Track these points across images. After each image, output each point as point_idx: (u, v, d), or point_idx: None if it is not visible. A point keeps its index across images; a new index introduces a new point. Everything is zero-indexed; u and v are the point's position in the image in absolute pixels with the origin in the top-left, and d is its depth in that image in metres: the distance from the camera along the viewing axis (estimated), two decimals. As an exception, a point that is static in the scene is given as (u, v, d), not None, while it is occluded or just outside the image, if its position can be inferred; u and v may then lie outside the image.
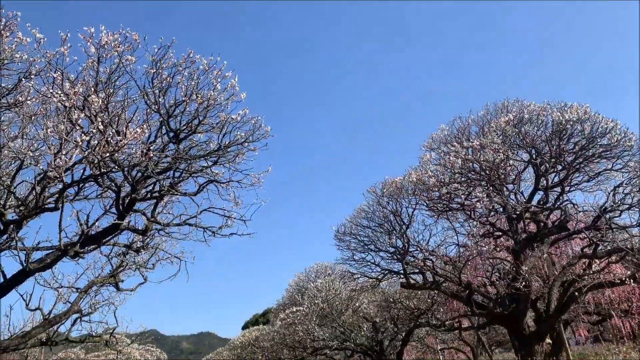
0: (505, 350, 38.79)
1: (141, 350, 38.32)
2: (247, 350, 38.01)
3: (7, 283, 8.24)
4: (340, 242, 18.14)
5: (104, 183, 8.53)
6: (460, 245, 16.50)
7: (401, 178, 16.31)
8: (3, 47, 8.07)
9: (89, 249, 8.62)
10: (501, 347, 38.03)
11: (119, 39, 7.98)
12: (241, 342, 39.68)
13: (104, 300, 13.23)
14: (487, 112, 15.86)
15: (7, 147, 8.50)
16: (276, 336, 29.12)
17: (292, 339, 26.83)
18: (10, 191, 7.74)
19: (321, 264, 40.52)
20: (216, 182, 9.91)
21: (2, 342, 10.21)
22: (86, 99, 7.86)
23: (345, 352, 30.88)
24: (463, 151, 14.14)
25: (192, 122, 9.12)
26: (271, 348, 30.86)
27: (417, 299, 21.82)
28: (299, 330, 25.05)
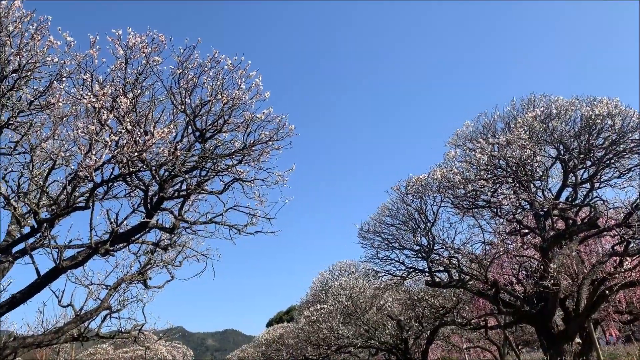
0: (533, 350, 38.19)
1: (168, 347, 38.98)
2: (272, 348, 38.26)
3: (41, 280, 8.46)
4: (364, 240, 18.13)
5: (133, 182, 8.70)
6: (487, 243, 16.29)
7: (425, 175, 16.19)
8: (35, 50, 8.29)
9: (118, 247, 8.79)
10: (528, 346, 37.44)
11: (146, 40, 8.12)
12: (266, 339, 39.98)
13: (132, 297, 13.51)
14: (513, 108, 15.61)
15: (39, 148, 8.74)
16: (300, 334, 29.23)
17: (316, 336, 26.90)
18: (43, 190, 7.96)
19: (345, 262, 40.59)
20: (241, 181, 10.02)
21: (37, 338, 10.51)
22: (114, 100, 8.03)
23: (370, 350, 30.83)
24: (489, 147, 13.94)
25: (217, 122, 9.22)
26: (296, 345, 31.01)
27: (442, 297, 21.64)
28: (323, 328, 25.10)
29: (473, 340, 33.75)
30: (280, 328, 40.32)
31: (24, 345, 10.23)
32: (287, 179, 10.23)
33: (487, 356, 37.30)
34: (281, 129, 9.48)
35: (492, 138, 14.40)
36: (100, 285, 12.13)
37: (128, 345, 36.77)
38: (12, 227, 10.79)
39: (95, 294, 12.11)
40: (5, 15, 7.97)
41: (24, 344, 10.10)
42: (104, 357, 35.68)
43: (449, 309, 20.99)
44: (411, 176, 16.81)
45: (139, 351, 35.68)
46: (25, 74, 8.59)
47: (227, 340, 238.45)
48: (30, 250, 8.36)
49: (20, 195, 8.81)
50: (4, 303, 8.54)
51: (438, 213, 16.26)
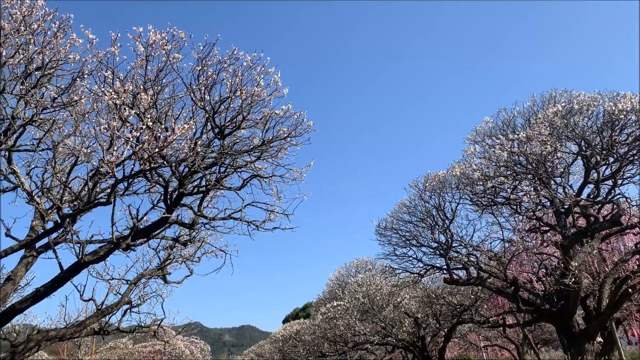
0: (552, 349, 37.69)
1: (186, 342, 39.38)
2: (289, 344, 38.41)
3: (64, 274, 8.62)
4: (381, 237, 18.08)
5: (153, 178, 8.78)
6: (506, 240, 16.12)
7: (444, 172, 16.08)
8: (57, 48, 8.42)
9: (139, 242, 8.91)
10: (547, 345, 37.00)
11: (166, 37, 8.19)
12: (282, 336, 40.15)
13: (152, 292, 13.69)
14: (534, 104, 15.41)
15: (62, 145, 8.87)
16: (317, 330, 29.29)
17: (333, 333, 26.92)
18: (66, 186, 8.09)
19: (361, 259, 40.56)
20: (259, 177, 10.04)
21: (60, 331, 10.72)
22: (135, 97, 8.12)
23: (386, 348, 30.78)
24: (508, 144, 13.78)
25: (236, 118, 9.25)
26: (312, 342, 31.08)
27: (460, 295, 21.48)
28: (340, 324, 25.12)
29: (491, 338, 33.44)
30: (297, 324, 40.45)
31: (48, 338, 10.44)
32: (304, 175, 10.23)
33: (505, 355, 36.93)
34: (299, 125, 9.47)
35: (512, 134, 14.23)
36: (120, 280, 12.33)
37: (147, 339, 37.26)
38: (36, 223, 10.99)
39: (115, 289, 12.32)
40: (29, 14, 8.10)
41: (47, 337, 10.31)
42: (123, 351, 36.21)
43: (467, 306, 20.83)
44: (429, 173, 16.72)
45: (157, 346, 36.11)
46: (48, 71, 8.75)
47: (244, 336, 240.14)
48: (53, 245, 8.51)
49: (44, 190, 8.96)
50: (28, 296, 8.72)
51: (456, 210, 16.14)
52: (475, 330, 31.01)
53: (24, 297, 9.09)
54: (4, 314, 8.67)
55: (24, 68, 8.48)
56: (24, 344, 10.04)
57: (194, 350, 40.58)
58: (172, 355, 37.87)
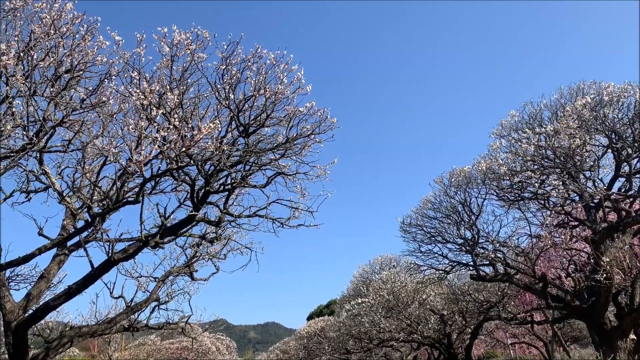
0: (582, 347, 36.95)
1: (212, 338, 39.88)
2: (313, 341, 38.52)
3: (94, 272, 8.81)
4: (406, 233, 17.96)
5: (180, 177, 8.90)
6: (533, 236, 15.84)
7: (469, 167, 15.87)
8: (86, 50, 8.60)
9: (167, 240, 9.04)
10: (577, 342, 36.27)
11: (190, 37, 8.28)
12: (307, 333, 40.30)
13: (179, 290, 13.88)
14: (561, 96, 15.07)
15: (91, 145, 9.06)
16: (342, 327, 29.28)
17: (357, 330, 26.89)
18: (96, 186, 8.26)
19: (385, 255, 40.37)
20: (283, 175, 10.07)
21: (91, 327, 10.97)
22: (161, 97, 8.23)
23: (412, 345, 30.59)
24: (535, 137, 13.52)
25: (260, 116, 9.30)
26: (337, 339, 31.07)
27: (486, 292, 21.21)
28: (365, 321, 25.05)
29: (518, 335, 32.96)
30: (321, 321, 40.53)
31: (80, 335, 10.70)
32: (328, 172, 10.23)
33: (533, 352, 36.36)
34: (323, 122, 9.46)
35: (539, 128, 13.96)
36: (148, 277, 12.53)
37: (174, 336, 37.86)
38: (67, 222, 11.26)
39: (144, 286, 12.52)
40: (58, 18, 8.28)
41: (79, 333, 10.56)
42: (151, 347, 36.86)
43: (494, 303, 20.56)
44: (454, 168, 16.53)
45: (184, 342, 36.65)
46: (77, 73, 8.92)
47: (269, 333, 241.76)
48: (84, 244, 8.70)
49: (74, 190, 9.16)
50: (61, 294, 8.94)
51: (482, 205, 15.92)
52: (502, 328, 30.62)
53: (56, 294, 9.33)
54: (38, 310, 8.91)
55: (54, 71, 8.68)
56: (57, 340, 10.32)
57: (220, 347, 41.09)
58: (199, 352, 38.40)
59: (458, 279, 23.89)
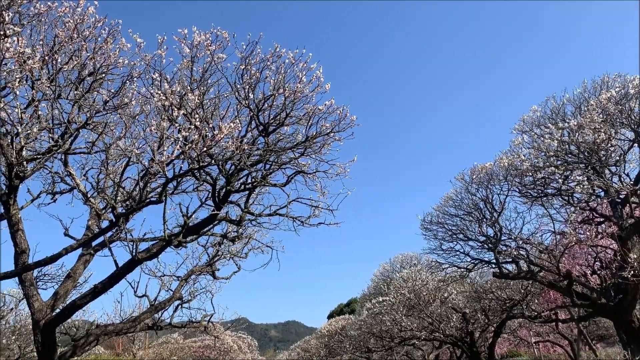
0: (608, 345, 36.23)
1: (234, 337, 40.21)
2: (334, 339, 38.55)
3: (119, 271, 8.93)
4: (427, 231, 17.84)
5: (201, 177, 8.98)
6: (557, 232, 15.57)
7: (491, 163, 15.67)
8: (108, 53, 8.73)
9: (189, 239, 9.13)
10: (603, 341, 35.57)
11: (210, 38, 8.34)
12: (328, 331, 40.33)
13: (201, 288, 14.01)
14: (585, 90, 14.77)
15: (114, 146, 9.20)
16: (363, 325, 29.25)
17: (379, 328, 26.83)
18: (120, 186, 8.38)
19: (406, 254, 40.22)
20: (303, 173, 10.07)
21: (117, 326, 11.14)
22: (182, 98, 8.31)
23: (433, 343, 30.38)
24: (558, 132, 13.29)
25: (279, 115, 9.32)
26: (358, 337, 31.06)
27: (509, 289, 20.95)
28: (386, 320, 24.98)
29: (542, 334, 32.49)
30: (342, 320, 40.52)
31: (106, 333, 10.88)
32: (348, 170, 10.19)
33: (558, 351, 35.81)
34: (342, 120, 9.43)
35: (562, 122, 13.73)
36: (171, 276, 12.68)
37: (196, 335, 38.28)
38: (91, 222, 11.46)
39: (167, 285, 12.67)
40: (81, 22, 8.43)
41: (105, 331, 10.74)
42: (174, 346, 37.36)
43: (517, 301, 20.30)
44: (476, 165, 16.34)
45: (206, 341, 37.06)
46: (99, 76, 9.07)
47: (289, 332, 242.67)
48: (109, 243, 8.83)
49: (99, 191, 9.32)
50: (87, 293, 9.09)
51: (505, 202, 15.71)
52: (525, 326, 30.22)
53: (83, 293, 9.47)
54: (65, 309, 9.07)
55: (77, 74, 8.84)
56: (84, 338, 10.51)
57: (241, 345, 41.39)
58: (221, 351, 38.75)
59: (480, 276, 23.68)
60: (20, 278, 9.72)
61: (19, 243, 9.25)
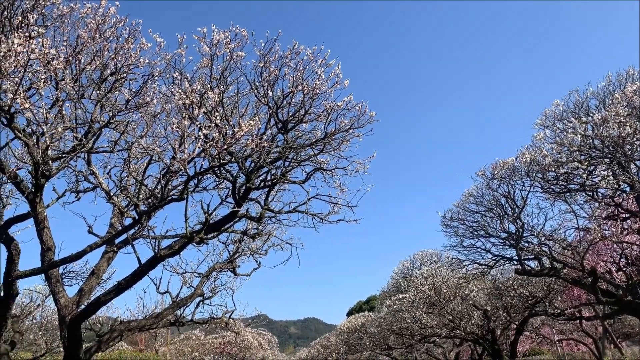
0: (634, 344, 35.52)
1: (254, 333, 40.50)
2: (354, 336, 38.55)
3: (142, 268, 9.06)
4: (447, 228, 17.70)
5: (222, 174, 9.05)
6: (581, 229, 15.30)
7: (513, 159, 15.45)
8: (129, 53, 8.84)
9: (211, 236, 9.21)
10: (629, 339, 34.88)
11: (229, 36, 8.38)
12: (348, 328, 40.34)
13: (222, 285, 14.15)
14: (609, 83, 14.43)
15: (136, 145, 9.33)
16: (383, 323, 29.17)
17: (399, 325, 26.73)
18: (142, 184, 8.50)
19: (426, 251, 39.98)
20: (322, 170, 10.07)
21: (140, 322, 11.32)
22: (202, 96, 8.38)
23: (454, 341, 30.16)
24: (582, 127, 13.03)
25: (298, 112, 9.34)
26: (378, 334, 31.00)
27: (531, 286, 20.66)
28: (406, 317, 24.87)
29: (566, 332, 31.98)
30: (362, 317, 40.48)
31: (129, 329, 11.06)
32: (367, 167, 10.16)
33: (582, 349, 35.23)
34: (361, 116, 9.41)
35: (585, 117, 13.44)
36: (193, 273, 12.82)
37: (217, 331, 38.65)
38: (114, 220, 11.66)
39: (189, 282, 12.82)
40: (103, 22, 8.55)
41: (129, 327, 10.92)
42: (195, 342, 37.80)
43: (540, 298, 20.01)
44: (497, 160, 16.14)
45: (227, 337, 37.39)
46: (121, 75, 9.20)
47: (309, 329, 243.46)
48: (132, 241, 8.96)
49: (122, 189, 9.46)
50: (111, 289, 9.25)
51: (527, 198, 15.49)
52: (548, 324, 29.80)
53: (107, 290, 9.64)
54: (90, 305, 9.24)
55: (100, 74, 8.97)
56: (108, 334, 10.69)
57: (261, 342, 41.67)
58: (242, 347, 39.08)
59: (501, 274, 23.38)
60: (46, 275, 9.94)
61: (45, 240, 9.45)
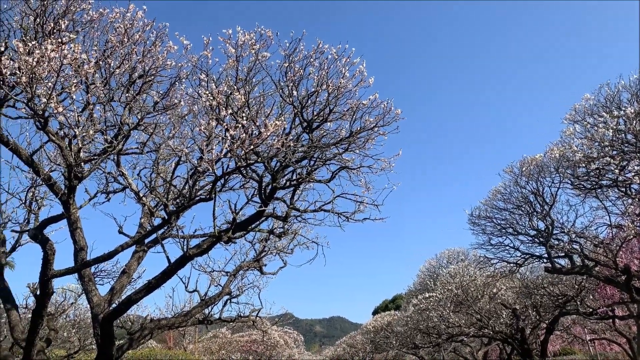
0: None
1: (280, 332, 40.75)
2: (380, 335, 38.44)
3: (171, 267, 9.20)
4: (474, 226, 17.48)
5: (248, 174, 9.12)
6: (613, 226, 14.91)
7: (541, 155, 15.15)
8: (156, 56, 9.00)
9: (238, 235, 9.30)
10: (665, 339, 33.82)
11: (254, 37, 8.44)
12: (374, 327, 40.25)
13: (249, 284, 14.28)
14: (642, 75, 14.01)
15: (165, 146, 9.49)
16: (409, 321, 29.01)
17: (425, 324, 26.54)
18: (171, 184, 8.65)
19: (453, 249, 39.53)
20: (347, 169, 10.05)
21: (169, 320, 11.51)
22: (228, 97, 8.47)
23: (482, 340, 29.79)
24: (613, 121, 12.70)
25: (323, 111, 9.35)
26: (405, 333, 30.84)
27: (562, 285, 20.25)
28: (433, 316, 24.68)
29: (598, 331, 31.21)
30: (388, 316, 40.33)
31: (159, 327, 11.26)
32: (393, 165, 10.10)
33: (615, 349, 34.34)
34: (387, 114, 9.36)
35: (617, 110, 13.08)
36: (220, 272, 12.96)
37: (244, 329, 39.03)
38: (143, 220, 11.86)
39: (216, 281, 12.97)
40: (130, 26, 8.73)
41: (159, 325, 11.12)
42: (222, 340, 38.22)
43: (571, 297, 19.60)
44: (525, 157, 15.85)
45: (254, 335, 37.72)
46: (149, 78, 9.38)
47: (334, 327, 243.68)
48: (161, 240, 9.12)
49: (151, 189, 9.64)
50: (141, 288, 9.43)
51: (556, 195, 15.17)
52: (579, 323, 29.15)
53: (137, 289, 9.83)
54: (122, 304, 9.44)
55: (128, 77, 9.16)
56: (139, 331, 10.91)
57: (287, 340, 41.90)
58: (268, 345, 39.36)
59: (530, 272, 22.97)
60: (79, 274, 10.20)
61: (78, 240, 9.70)
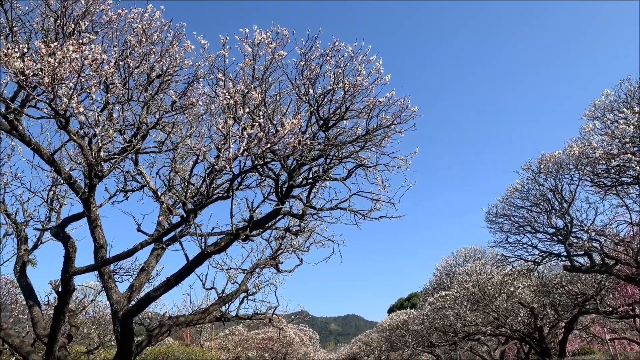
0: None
1: (295, 329, 40.88)
2: (396, 333, 38.33)
3: (189, 265, 9.30)
4: (492, 224, 17.34)
5: (264, 172, 9.17)
6: (634, 223, 14.67)
7: (560, 152, 14.95)
8: (174, 55, 9.08)
9: (255, 233, 9.36)
10: (687, 339, 33.20)
11: (270, 36, 8.48)
12: (390, 325, 40.14)
13: (265, 281, 14.35)
14: (664, 70, 13.78)
15: (182, 145, 9.58)
16: (426, 320, 28.88)
17: (442, 323, 26.40)
18: (189, 183, 8.73)
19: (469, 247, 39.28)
20: (364, 167, 10.03)
21: (187, 317, 11.63)
22: (245, 96, 8.52)
23: (499, 339, 29.54)
24: (634, 117, 12.49)
25: (339, 109, 9.34)
26: (421, 331, 30.71)
27: (581, 283, 19.98)
28: (450, 314, 24.54)
29: (618, 331, 30.74)
30: (403, 314, 40.20)
31: (177, 324, 11.38)
32: (410, 163, 10.05)
33: (635, 349, 33.80)
34: (404, 111, 9.31)
35: (638, 106, 12.87)
36: (237, 269, 13.07)
37: (260, 327, 39.25)
38: (161, 218, 11.99)
39: (233, 278, 13.07)
40: (149, 27, 8.81)
41: (177, 322, 11.24)
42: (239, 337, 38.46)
43: (590, 296, 19.33)
44: (543, 154, 15.65)
45: (269, 333, 37.90)
46: (166, 78, 9.46)
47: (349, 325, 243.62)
48: (179, 238, 9.20)
49: (169, 188, 9.74)
50: (160, 285, 9.53)
51: (575, 192, 14.97)
52: (599, 322, 28.74)
53: (156, 286, 9.94)
54: (141, 301, 9.56)
55: (147, 77, 9.26)
56: (157, 328, 11.04)
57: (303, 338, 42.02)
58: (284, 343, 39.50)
59: (549, 270, 22.71)
60: (99, 271, 10.36)
61: (98, 238, 9.84)
